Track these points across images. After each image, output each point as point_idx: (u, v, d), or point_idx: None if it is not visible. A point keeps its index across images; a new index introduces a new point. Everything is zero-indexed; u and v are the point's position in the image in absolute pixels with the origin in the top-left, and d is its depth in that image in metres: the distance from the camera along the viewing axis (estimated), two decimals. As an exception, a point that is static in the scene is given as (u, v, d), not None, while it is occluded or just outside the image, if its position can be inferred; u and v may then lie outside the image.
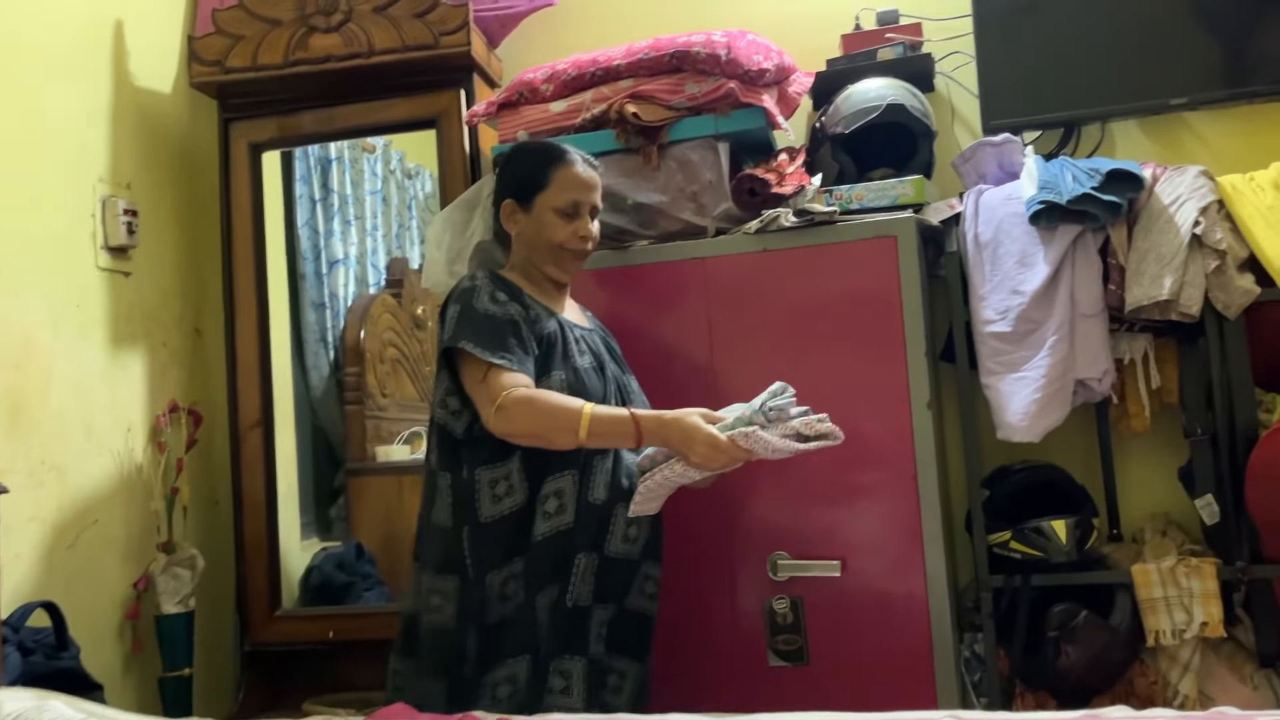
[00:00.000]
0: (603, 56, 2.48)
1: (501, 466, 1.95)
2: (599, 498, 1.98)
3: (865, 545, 2.23)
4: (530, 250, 2.10)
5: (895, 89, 2.47)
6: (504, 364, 1.90)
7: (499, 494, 1.94)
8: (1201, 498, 2.24)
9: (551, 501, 1.95)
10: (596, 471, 1.98)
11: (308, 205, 3.22)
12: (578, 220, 2.07)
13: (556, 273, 2.09)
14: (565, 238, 2.06)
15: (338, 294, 3.29)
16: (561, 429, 1.85)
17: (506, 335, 1.93)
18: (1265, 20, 2.44)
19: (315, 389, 3.21)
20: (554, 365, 1.97)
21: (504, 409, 1.86)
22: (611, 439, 1.89)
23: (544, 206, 2.07)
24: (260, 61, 2.72)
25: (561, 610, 1.95)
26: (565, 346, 2.01)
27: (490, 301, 1.96)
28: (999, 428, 2.28)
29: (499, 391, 1.87)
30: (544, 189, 2.07)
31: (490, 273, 2.05)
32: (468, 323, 1.94)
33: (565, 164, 2.08)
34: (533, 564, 1.94)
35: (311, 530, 3.10)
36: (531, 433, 1.88)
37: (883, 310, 2.24)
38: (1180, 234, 2.18)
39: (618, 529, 2.00)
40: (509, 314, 1.96)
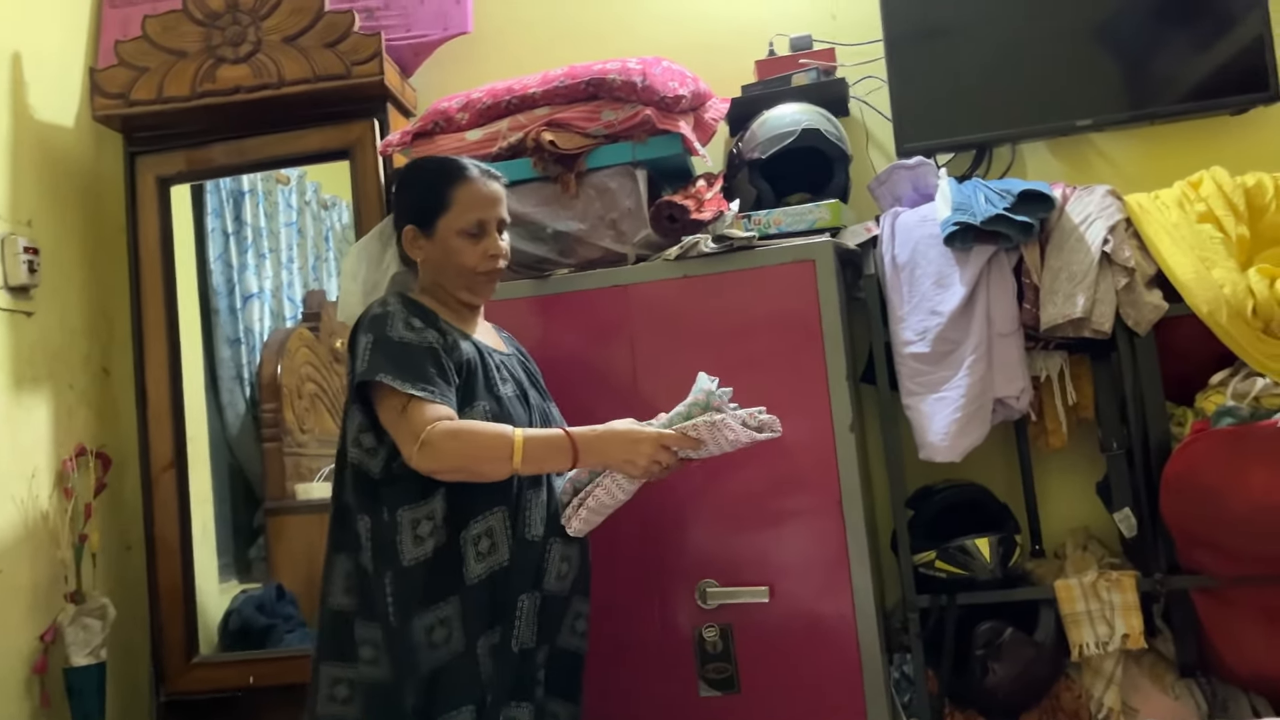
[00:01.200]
0: (518, 85, 2.46)
1: (424, 506, 1.84)
2: (535, 534, 1.89)
3: (793, 570, 2.23)
4: (439, 274, 2.00)
5: (810, 114, 2.49)
6: (425, 396, 1.79)
7: (421, 535, 1.83)
8: (1119, 511, 2.28)
9: (484, 541, 1.84)
10: (530, 506, 1.89)
11: (220, 239, 3.16)
12: (485, 239, 1.98)
13: (470, 296, 2.01)
14: (476, 261, 1.97)
15: (253, 329, 3.22)
16: (493, 459, 1.78)
17: (425, 364, 1.83)
18: (1164, 43, 2.51)
19: (231, 427, 3.13)
20: (477, 395, 1.88)
21: (428, 444, 1.76)
22: (547, 462, 1.82)
23: (447, 230, 1.97)
24: (166, 93, 2.66)
25: (506, 654, 1.84)
26: (487, 374, 1.92)
27: (405, 328, 1.86)
28: (921, 448, 2.30)
29: (421, 426, 1.77)
30: (445, 211, 1.97)
31: (402, 297, 1.95)
32: (382, 353, 1.83)
33: (465, 181, 1.98)
34: (470, 607, 1.82)
35: (230, 572, 3.02)
36: (460, 467, 1.80)
37: (803, 334, 2.25)
38: (1091, 252, 2.22)
39: (553, 565, 1.92)
40: (426, 341, 1.86)
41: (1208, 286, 2.16)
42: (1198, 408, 2.23)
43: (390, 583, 1.83)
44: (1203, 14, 2.49)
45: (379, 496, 1.86)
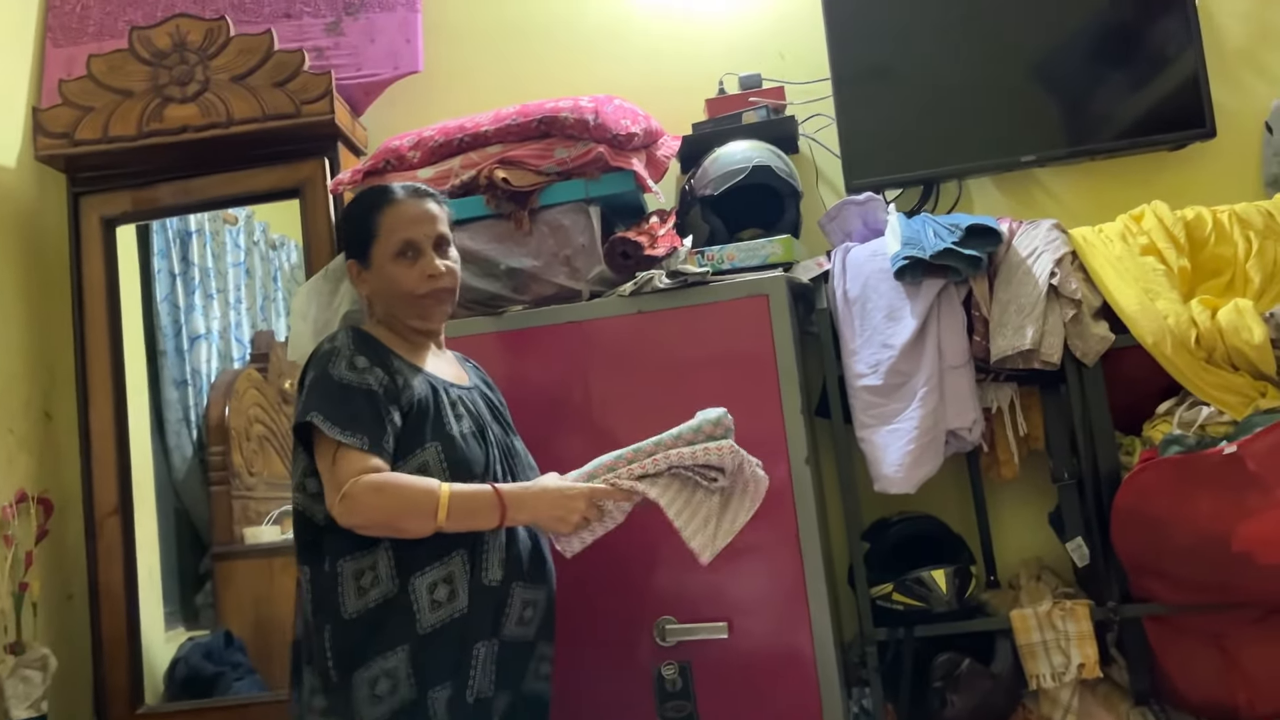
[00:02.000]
0: (470, 123, 2.47)
1: (366, 556, 1.77)
2: (494, 579, 1.82)
3: (751, 605, 2.23)
4: (388, 305, 1.95)
5: (760, 151, 2.52)
6: (354, 444, 1.74)
7: (364, 586, 1.76)
8: (1071, 541, 2.30)
9: (441, 589, 1.77)
10: (489, 549, 1.83)
11: (167, 279, 3.12)
12: (421, 259, 1.92)
13: (421, 323, 1.95)
14: (414, 283, 1.91)
15: (200, 370, 3.18)
16: (416, 515, 1.72)
17: (361, 409, 1.77)
18: (1102, 82, 2.57)
19: (178, 470, 3.08)
20: (427, 436, 1.82)
21: (349, 498, 1.71)
22: (474, 520, 1.76)
23: (381, 257, 1.92)
24: (112, 133, 2.63)
25: (462, 707, 1.78)
26: (439, 413, 1.85)
27: (348, 368, 1.80)
28: (876, 480, 2.31)
29: (347, 477, 1.72)
30: (376, 239, 1.93)
31: (354, 332, 1.88)
32: (322, 393, 1.78)
33: (389, 204, 1.94)
34: (423, 659, 1.75)
35: (176, 620, 2.96)
36: (382, 523, 1.74)
37: (758, 368, 2.26)
38: (1038, 285, 2.26)
39: (513, 610, 1.85)
40: (366, 383, 1.79)
41: (1152, 317, 2.20)
42: (1145, 437, 2.27)
43: (329, 636, 1.77)
44: (1138, 53, 2.56)
45: (321, 545, 1.80)
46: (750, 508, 1.91)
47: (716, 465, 1.86)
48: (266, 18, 2.87)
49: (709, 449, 1.85)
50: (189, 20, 2.70)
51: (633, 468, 1.85)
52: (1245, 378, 2.15)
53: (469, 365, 2.10)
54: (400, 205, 1.95)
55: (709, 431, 1.88)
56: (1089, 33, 2.59)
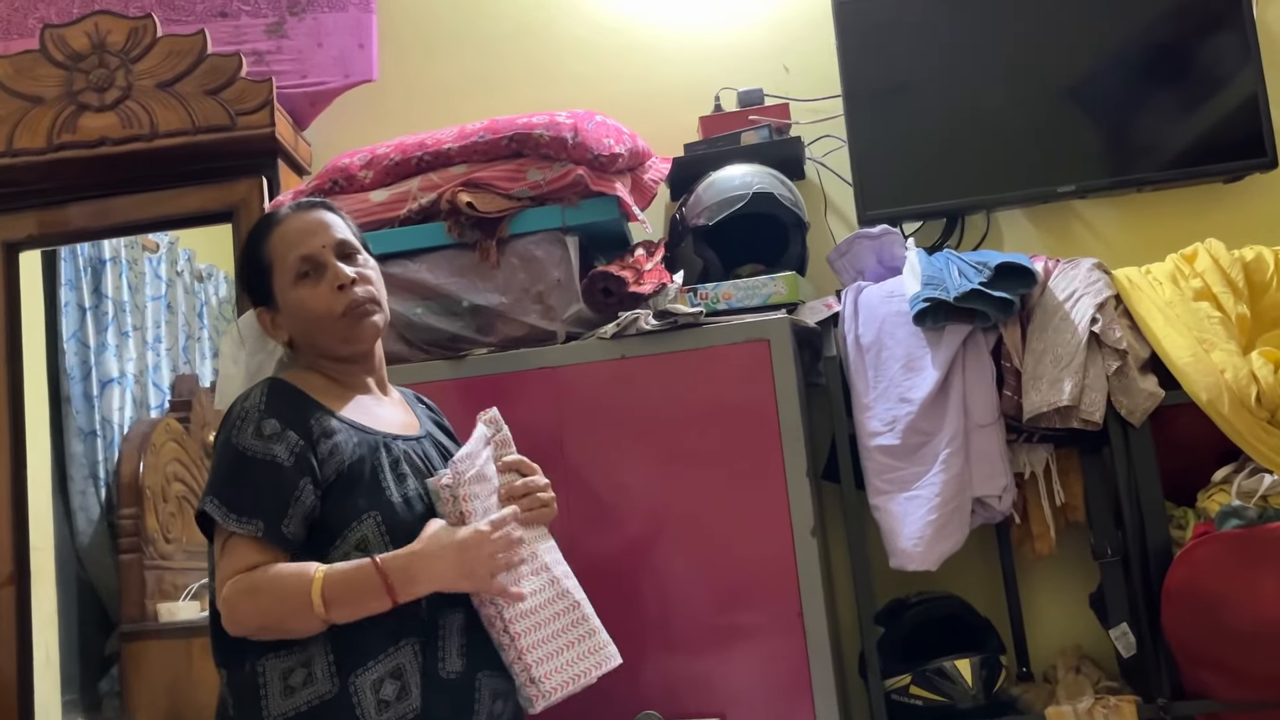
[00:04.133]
0: (431, 139, 2.48)
1: (299, 653, 1.70)
2: (453, 669, 1.76)
3: (747, 697, 2.21)
4: (311, 343, 1.90)
5: (762, 176, 2.54)
6: (246, 532, 1.69)
7: (293, 685, 1.70)
8: (1116, 627, 2.30)
9: (388, 686, 1.70)
10: (446, 634, 1.77)
11: (75, 314, 3.13)
12: (327, 273, 1.87)
13: (352, 346, 1.89)
14: (326, 302, 1.85)
15: (111, 420, 3.18)
16: (294, 614, 1.66)
17: (261, 488, 1.71)
18: (1150, 104, 2.62)
19: (83, 535, 3.08)
20: (361, 506, 1.75)
21: (226, 603, 1.67)
22: (359, 603, 1.68)
23: (284, 289, 1.88)
24: (17, 145, 2.65)
25: None
26: (376, 476, 1.79)
27: (254, 436, 1.74)
28: (892, 555, 2.31)
29: (229, 575, 1.68)
30: (272, 271, 1.89)
31: (271, 385, 1.82)
32: (220, 468, 1.75)
33: (273, 229, 1.91)
34: None
35: (76, 709, 2.95)
36: (262, 626, 1.68)
37: (757, 423, 2.26)
38: (1078, 333, 2.28)
39: (484, 706, 1.78)
40: (271, 454, 1.72)
41: (1207, 371, 2.22)
42: (1200, 508, 2.28)
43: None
44: (1189, 73, 2.61)
45: (241, 642, 1.73)
46: None
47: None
48: (200, 16, 2.89)
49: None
50: (110, 18, 2.72)
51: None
52: (1313, 441, 2.17)
53: (420, 407, 2.07)
54: (285, 224, 1.91)
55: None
56: (1135, 50, 2.63)
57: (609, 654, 1.88)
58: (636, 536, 2.28)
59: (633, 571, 2.26)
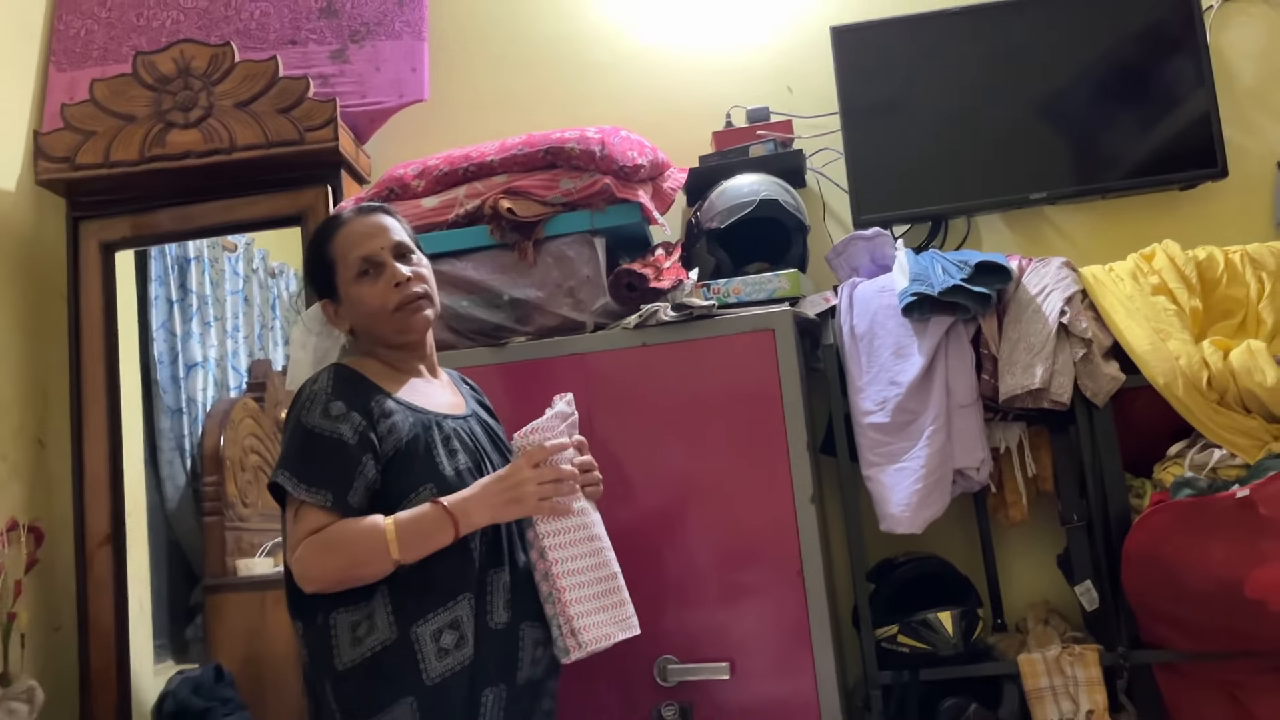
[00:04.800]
0: (475, 152, 2.49)
1: (363, 606, 1.73)
2: (500, 621, 1.78)
3: (753, 645, 2.22)
4: (371, 331, 1.92)
5: (768, 184, 2.54)
6: (316, 502, 1.70)
7: (359, 635, 1.72)
8: (1080, 584, 2.29)
9: (448, 635, 1.73)
10: (492, 590, 1.78)
11: (164, 307, 3.13)
12: (385, 272, 1.88)
13: (405, 336, 1.90)
14: (383, 298, 1.87)
15: (196, 399, 3.18)
16: (369, 559, 1.69)
17: (328, 462, 1.73)
18: (1112, 120, 2.60)
19: (171, 500, 3.08)
20: (418, 477, 1.78)
21: (300, 560, 1.69)
22: (429, 541, 1.71)
23: (345, 285, 1.90)
24: (114, 158, 2.65)
25: None
26: (430, 452, 1.80)
27: (321, 415, 1.75)
28: (882, 520, 2.31)
29: (301, 537, 1.69)
30: (335, 269, 1.91)
31: (336, 371, 1.83)
32: (292, 444, 1.76)
33: (337, 230, 1.92)
34: (430, 710, 1.70)
35: (166, 653, 2.94)
36: (337, 579, 1.70)
37: (763, 404, 2.27)
38: (1048, 323, 2.27)
39: (526, 653, 1.81)
40: (338, 433, 1.74)
41: (1163, 358, 2.21)
42: (1156, 479, 2.27)
43: (330, 690, 1.74)
44: (1149, 92, 2.58)
45: (313, 598, 1.75)
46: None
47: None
48: (272, 44, 2.90)
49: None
50: (194, 45, 2.73)
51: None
52: (1258, 420, 2.15)
53: (466, 388, 2.07)
54: (348, 226, 1.93)
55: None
56: (1099, 71, 2.61)
57: (633, 623, 1.90)
58: (656, 503, 2.29)
59: (653, 534, 2.27)
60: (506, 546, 1.83)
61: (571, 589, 1.80)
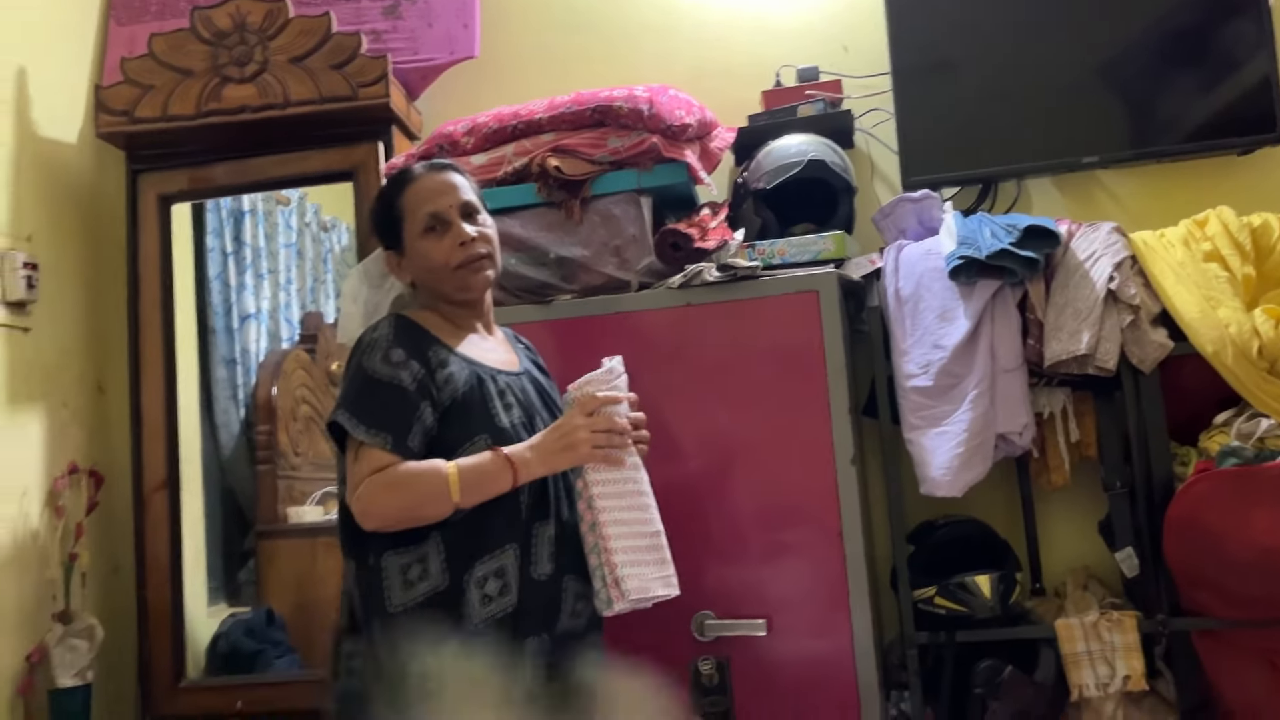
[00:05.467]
0: (524, 110, 2.49)
1: (415, 550, 1.76)
2: (543, 572, 1.81)
3: (791, 603, 2.24)
4: (432, 286, 1.95)
5: (816, 145, 2.52)
6: (377, 443, 1.74)
7: (411, 579, 1.76)
8: (1121, 551, 2.28)
9: (492, 583, 1.76)
10: (537, 542, 1.82)
11: (219, 259, 3.19)
12: (451, 229, 1.91)
13: (466, 293, 1.93)
14: (447, 255, 1.90)
15: (249, 349, 3.24)
16: (430, 500, 1.73)
17: (387, 406, 1.76)
18: (1169, 83, 2.55)
19: (225, 448, 3.15)
20: (473, 428, 1.80)
21: (362, 498, 1.73)
22: (489, 486, 1.75)
23: (412, 239, 1.93)
24: (171, 112, 2.69)
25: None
26: (486, 404, 1.83)
27: (382, 361, 1.79)
28: (922, 482, 2.31)
29: (363, 477, 1.73)
30: (403, 222, 1.93)
31: (396, 320, 1.87)
32: (352, 387, 1.79)
33: (408, 185, 1.95)
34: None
35: (219, 596, 3.03)
36: (398, 518, 1.75)
37: (806, 365, 2.27)
38: (1096, 289, 2.25)
39: (568, 604, 1.84)
40: (398, 379, 1.78)
41: (1213, 326, 2.18)
42: (1202, 447, 2.25)
43: (378, 630, 1.77)
44: (1207, 55, 2.53)
45: (365, 540, 1.79)
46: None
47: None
48: (325, 0, 2.91)
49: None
50: (249, 1, 2.75)
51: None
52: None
53: (520, 346, 2.09)
54: (419, 181, 1.95)
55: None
56: (1157, 33, 2.56)
57: (674, 583, 1.91)
58: (698, 463, 2.31)
59: (694, 492, 2.28)
60: (553, 500, 1.87)
61: (618, 538, 1.83)
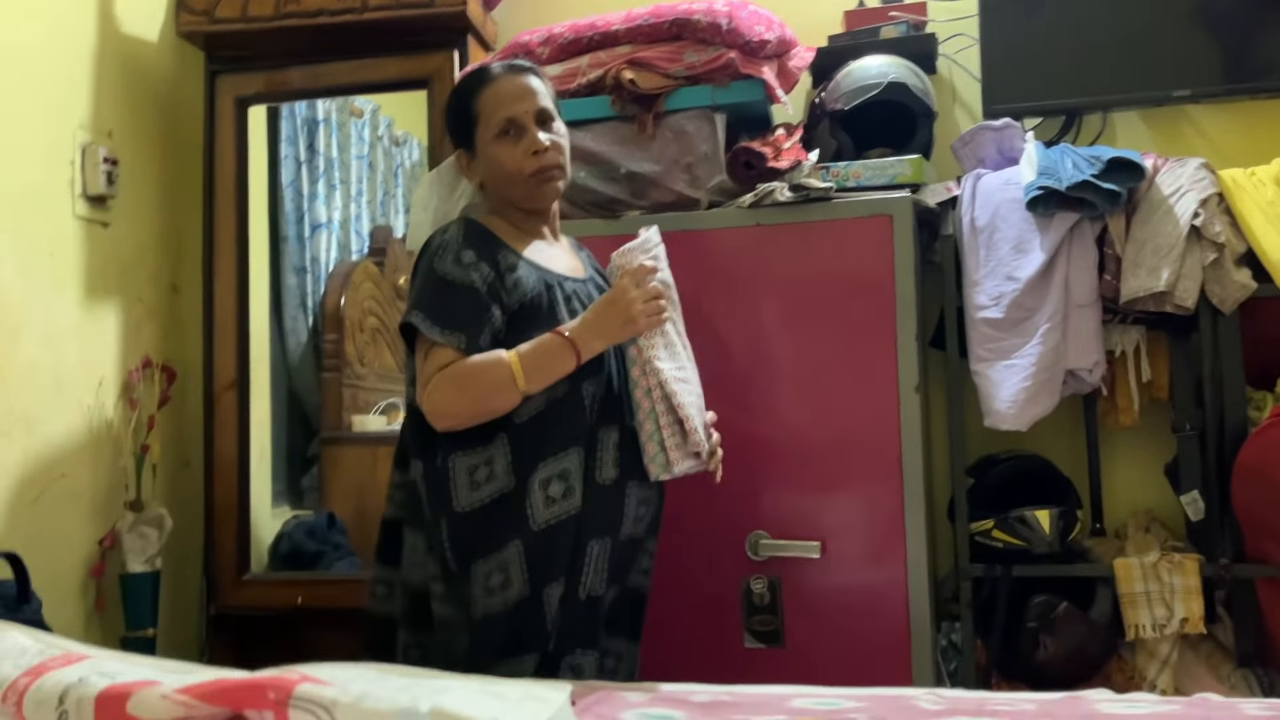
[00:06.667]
0: (601, 21, 2.46)
1: (482, 451, 1.77)
2: (608, 477, 1.82)
3: (846, 528, 2.23)
4: (500, 191, 1.93)
5: (897, 67, 2.46)
6: (449, 343, 1.74)
7: (479, 480, 1.76)
8: (1187, 494, 2.24)
9: (555, 485, 1.77)
10: (602, 447, 1.82)
11: (293, 166, 3.20)
12: (525, 136, 1.88)
13: (535, 202, 1.92)
14: (519, 162, 1.87)
15: (319, 259, 3.27)
16: (497, 390, 1.73)
17: (461, 306, 1.76)
18: (1268, 21, 2.45)
19: (293, 354, 3.19)
20: (540, 331, 1.79)
21: (431, 394, 1.73)
22: (552, 369, 1.75)
23: (485, 142, 1.90)
24: (250, 13, 2.69)
25: (573, 603, 1.79)
26: (552, 309, 1.83)
27: (453, 263, 1.79)
28: (987, 415, 2.28)
29: (432, 373, 1.74)
30: (477, 124, 1.91)
31: (466, 223, 1.87)
32: (424, 289, 1.80)
33: (485, 85, 1.91)
34: (535, 555, 1.76)
35: (283, 498, 3.09)
36: (469, 410, 1.74)
37: (875, 291, 2.24)
38: (1179, 226, 2.18)
39: (630, 509, 1.85)
40: (469, 280, 1.78)
41: (1300, 268, 2.11)
42: (1279, 393, 2.19)
43: (445, 529, 1.78)
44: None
45: (434, 440, 1.79)
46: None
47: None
48: (405, -95, 2.88)
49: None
50: (330, -98, 2.73)
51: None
52: (1395, 338, 2.06)
53: (583, 254, 2.09)
54: (497, 83, 1.91)
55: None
56: (1260, -36, 2.45)
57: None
58: (760, 384, 2.29)
59: (754, 412, 2.28)
60: (619, 405, 1.87)
61: (682, 394, 1.83)
